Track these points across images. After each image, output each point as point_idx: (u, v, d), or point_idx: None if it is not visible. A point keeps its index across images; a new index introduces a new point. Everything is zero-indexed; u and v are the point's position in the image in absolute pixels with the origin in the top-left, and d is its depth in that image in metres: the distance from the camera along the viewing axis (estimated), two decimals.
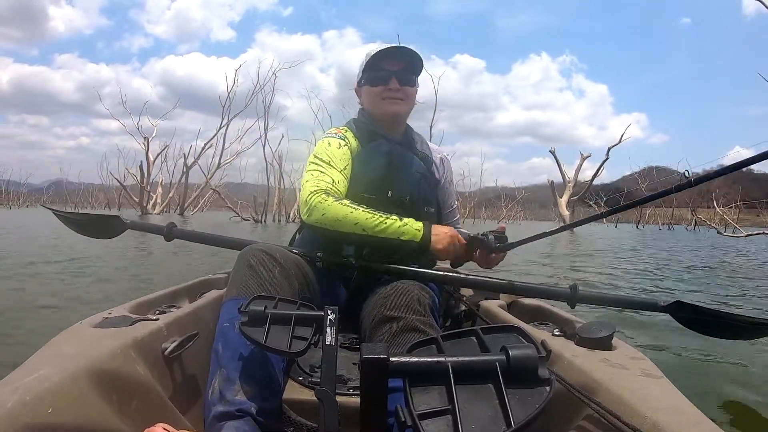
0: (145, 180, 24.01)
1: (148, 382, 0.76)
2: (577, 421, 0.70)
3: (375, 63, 1.18)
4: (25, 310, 2.59)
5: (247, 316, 0.74)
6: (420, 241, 1.02)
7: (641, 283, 4.68)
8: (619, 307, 1.13)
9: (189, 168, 24.91)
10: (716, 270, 6.08)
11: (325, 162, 1.14)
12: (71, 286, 3.41)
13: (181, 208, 25.35)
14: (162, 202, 25.86)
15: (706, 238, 15.16)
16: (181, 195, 25.62)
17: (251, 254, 0.94)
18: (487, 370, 0.51)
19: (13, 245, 6.34)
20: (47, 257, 4.92)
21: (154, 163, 25.32)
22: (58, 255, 5.11)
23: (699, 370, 1.87)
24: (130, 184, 26.38)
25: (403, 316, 0.86)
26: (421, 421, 0.47)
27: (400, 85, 1.19)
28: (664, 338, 2.31)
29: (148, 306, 1.03)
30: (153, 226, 1.32)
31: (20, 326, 2.24)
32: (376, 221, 1.01)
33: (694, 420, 0.59)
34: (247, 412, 0.73)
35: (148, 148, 24.97)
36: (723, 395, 1.61)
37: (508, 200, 46.64)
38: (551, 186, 21.17)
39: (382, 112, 1.21)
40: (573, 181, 20.71)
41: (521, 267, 5.40)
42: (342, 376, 0.92)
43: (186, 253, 5.81)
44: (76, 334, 0.79)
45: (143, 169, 23.85)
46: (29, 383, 0.58)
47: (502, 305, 1.25)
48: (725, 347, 2.10)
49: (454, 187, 1.40)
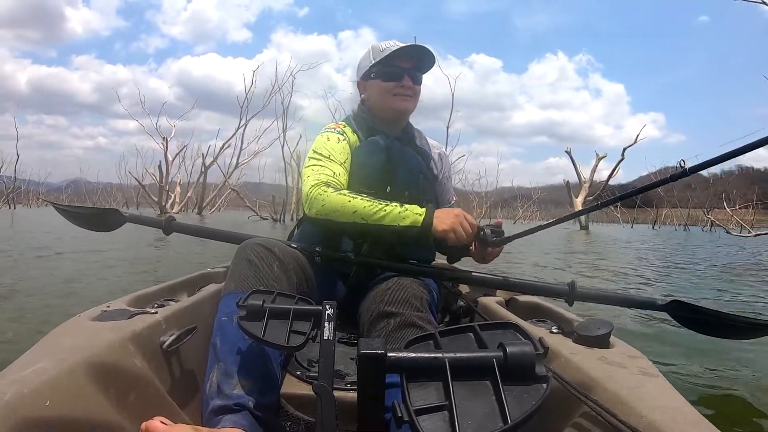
0: (164, 179, 24.41)
1: (146, 375, 0.76)
2: (574, 419, 0.70)
3: (388, 59, 1.18)
4: (25, 301, 2.59)
5: (245, 310, 0.74)
6: (421, 225, 0.99)
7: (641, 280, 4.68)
8: (618, 305, 1.13)
9: (207, 168, 25.27)
10: (714, 268, 6.09)
11: (325, 156, 1.14)
12: (73, 278, 3.42)
13: (199, 207, 25.77)
14: (180, 201, 26.17)
15: (719, 238, 15.18)
16: (199, 194, 26.03)
17: (250, 248, 0.94)
18: (484, 367, 0.51)
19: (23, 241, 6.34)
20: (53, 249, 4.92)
21: (173, 162, 25.71)
22: (61, 247, 5.11)
23: (696, 369, 1.87)
24: (148, 184, 26.76)
25: (401, 312, 0.86)
26: (417, 416, 0.47)
27: (413, 83, 1.19)
28: (662, 337, 2.31)
29: (146, 299, 1.03)
30: (152, 219, 1.32)
31: (19, 319, 2.25)
32: (375, 209, 1.00)
33: (691, 419, 0.59)
34: (245, 406, 0.73)
35: (166, 148, 25.41)
36: (720, 394, 1.62)
37: (524, 200, 46.48)
38: (567, 186, 21.13)
39: (391, 107, 1.21)
40: (588, 182, 20.61)
41: (535, 263, 5.40)
42: (340, 371, 0.92)
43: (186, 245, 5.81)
44: (75, 327, 0.79)
45: (162, 168, 24.29)
46: (27, 376, 0.58)
47: (500, 302, 1.25)
48: (722, 347, 2.11)
49: (452, 183, 1.40)
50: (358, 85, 1.28)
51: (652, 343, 2.23)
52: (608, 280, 4.62)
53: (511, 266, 5.30)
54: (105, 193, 52.40)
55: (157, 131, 25.46)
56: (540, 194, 46.97)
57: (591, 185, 20.61)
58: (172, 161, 25.59)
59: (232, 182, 26.43)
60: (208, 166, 25.13)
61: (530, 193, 48.44)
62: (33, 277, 3.46)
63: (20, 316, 2.30)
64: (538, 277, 4.50)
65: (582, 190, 20.55)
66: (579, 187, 20.82)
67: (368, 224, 1.00)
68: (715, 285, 4.48)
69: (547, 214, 53.06)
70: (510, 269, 4.82)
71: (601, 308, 2.44)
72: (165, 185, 24.55)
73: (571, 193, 20.72)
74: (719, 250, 9.96)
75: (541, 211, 50.13)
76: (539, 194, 46.77)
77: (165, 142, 25.35)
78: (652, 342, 2.25)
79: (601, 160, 20.85)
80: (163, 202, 24.40)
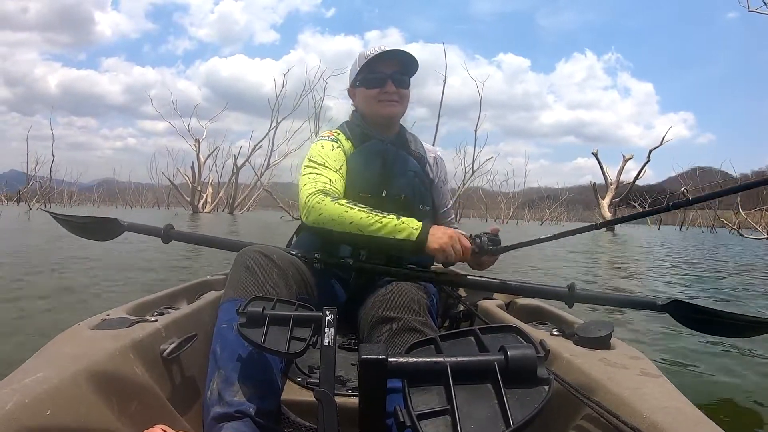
0: (196, 180, 25.18)
1: (146, 383, 0.76)
2: (576, 421, 0.70)
3: (370, 65, 1.19)
4: (24, 310, 2.58)
5: (245, 317, 0.74)
6: (415, 241, 1.00)
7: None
8: (618, 307, 1.13)
9: (239, 168, 25.97)
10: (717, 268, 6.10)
11: (320, 164, 1.15)
12: (71, 286, 3.40)
13: (230, 207, 26.53)
14: (212, 201, 26.91)
15: (744, 240, 15.18)
16: (230, 194, 26.85)
17: (249, 256, 0.94)
18: (485, 370, 0.51)
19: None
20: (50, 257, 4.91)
21: (205, 163, 26.57)
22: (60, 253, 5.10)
23: (697, 369, 1.87)
24: (178, 183, 27.61)
25: (401, 317, 0.86)
26: (420, 421, 0.47)
27: (396, 88, 1.19)
28: (663, 338, 2.31)
29: (146, 307, 1.03)
30: (150, 228, 1.32)
31: (19, 327, 2.24)
32: (372, 220, 1.00)
33: (693, 419, 0.59)
34: (246, 413, 0.73)
35: (199, 149, 26.27)
36: (722, 395, 1.61)
37: (551, 201, 46.51)
38: (593, 188, 21.17)
39: (378, 113, 1.22)
40: (615, 183, 20.65)
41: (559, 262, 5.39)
42: (341, 377, 0.92)
43: None
44: (75, 335, 0.79)
45: (195, 169, 25.04)
46: (28, 385, 0.58)
47: (500, 305, 1.25)
48: (723, 347, 2.11)
49: (448, 187, 1.40)
50: (349, 92, 1.29)
51: (652, 343, 2.23)
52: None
53: (545, 261, 5.25)
54: (136, 193, 54.23)
55: (189, 132, 26.44)
56: (567, 195, 46.96)
57: (618, 187, 20.64)
58: (204, 162, 26.48)
59: (263, 183, 27.18)
60: (240, 166, 25.94)
61: (558, 193, 48.58)
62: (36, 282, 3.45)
63: (24, 317, 2.30)
64: (547, 275, 4.51)
65: (608, 191, 20.57)
66: (606, 189, 20.87)
67: (364, 235, 1.01)
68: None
69: (574, 215, 52.89)
70: (511, 269, 4.81)
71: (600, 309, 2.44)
72: (197, 185, 25.34)
73: (598, 195, 20.75)
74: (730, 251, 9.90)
75: (568, 212, 50.19)
76: (567, 195, 46.75)
77: (197, 143, 26.30)
78: (652, 343, 2.25)
79: (627, 161, 20.94)
80: (196, 201, 25.08)
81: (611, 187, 20.65)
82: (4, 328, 2.18)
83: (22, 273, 3.92)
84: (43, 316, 2.48)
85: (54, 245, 5.88)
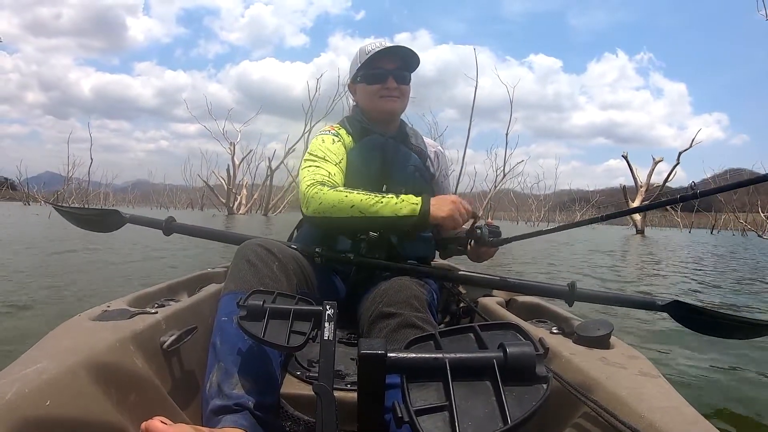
0: (231, 182, 25.77)
1: (146, 375, 0.76)
2: (574, 419, 0.70)
3: (371, 61, 1.19)
4: (23, 302, 2.59)
5: (245, 310, 0.74)
6: (419, 214, 0.99)
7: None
8: (618, 306, 1.12)
9: (274, 171, 26.59)
10: None
11: (320, 157, 1.15)
12: (73, 278, 3.42)
13: (265, 208, 26.97)
14: (246, 203, 27.41)
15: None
16: (264, 196, 27.34)
17: (249, 249, 0.95)
18: (484, 367, 0.51)
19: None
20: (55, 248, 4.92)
21: (239, 166, 27.17)
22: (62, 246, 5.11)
23: (696, 370, 1.87)
24: (213, 185, 28.40)
25: (401, 313, 0.86)
26: (418, 417, 0.47)
27: (397, 84, 1.20)
28: (662, 338, 2.31)
29: (146, 299, 1.03)
30: (152, 220, 1.32)
31: (18, 318, 2.25)
32: (372, 201, 1.00)
33: (691, 419, 0.59)
34: (245, 406, 0.73)
35: (233, 152, 26.86)
36: (720, 395, 1.62)
37: (582, 204, 46.25)
38: (623, 190, 21.11)
39: (379, 109, 1.22)
40: (645, 186, 20.57)
41: None
42: (340, 372, 0.92)
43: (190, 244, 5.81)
44: (75, 326, 0.79)
45: (230, 171, 25.70)
46: (28, 375, 0.58)
47: (500, 302, 1.25)
48: (722, 347, 2.11)
49: (449, 182, 1.40)
50: (349, 88, 1.29)
51: (652, 343, 2.23)
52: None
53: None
54: (171, 194, 55.40)
55: (224, 135, 27.16)
56: (598, 197, 46.65)
57: (648, 189, 20.52)
58: (239, 165, 27.05)
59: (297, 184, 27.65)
60: (274, 169, 26.58)
61: (588, 196, 48.42)
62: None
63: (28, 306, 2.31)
64: (553, 274, 4.50)
65: (638, 194, 20.47)
66: (636, 191, 20.77)
67: (366, 217, 1.00)
68: None
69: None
70: (510, 265, 4.82)
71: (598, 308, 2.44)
72: (232, 187, 25.94)
73: (628, 197, 20.66)
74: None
75: (599, 214, 50.32)
76: (598, 197, 46.44)
77: (232, 146, 26.92)
78: (652, 343, 2.25)
79: (657, 164, 20.86)
80: (231, 203, 25.67)
81: (641, 190, 20.55)
82: (5, 324, 2.19)
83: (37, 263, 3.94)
84: (43, 308, 2.49)
85: (63, 245, 5.91)
